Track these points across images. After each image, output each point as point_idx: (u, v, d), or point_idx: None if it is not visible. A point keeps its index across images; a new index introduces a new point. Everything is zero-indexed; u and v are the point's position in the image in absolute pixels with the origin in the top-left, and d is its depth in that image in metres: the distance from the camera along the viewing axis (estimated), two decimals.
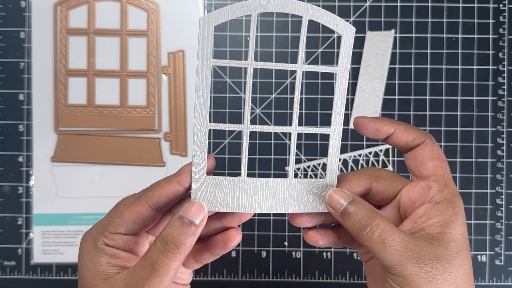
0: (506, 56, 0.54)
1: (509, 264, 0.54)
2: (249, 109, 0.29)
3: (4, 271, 0.54)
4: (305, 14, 0.29)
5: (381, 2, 0.54)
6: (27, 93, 0.54)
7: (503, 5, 0.54)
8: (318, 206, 0.30)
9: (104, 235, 0.28)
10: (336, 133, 0.30)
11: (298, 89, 0.29)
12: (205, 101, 0.28)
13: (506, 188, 0.54)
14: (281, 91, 0.54)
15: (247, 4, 0.28)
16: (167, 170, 0.54)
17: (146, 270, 0.26)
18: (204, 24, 0.27)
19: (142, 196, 0.28)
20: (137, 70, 0.54)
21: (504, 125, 0.54)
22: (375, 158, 0.54)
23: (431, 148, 0.29)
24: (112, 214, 0.29)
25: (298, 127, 0.30)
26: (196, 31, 0.54)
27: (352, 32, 0.29)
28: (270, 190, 0.30)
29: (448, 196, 0.28)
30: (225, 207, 0.29)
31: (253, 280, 0.54)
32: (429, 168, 0.29)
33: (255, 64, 0.29)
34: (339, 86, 0.29)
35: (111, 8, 0.54)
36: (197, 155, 0.29)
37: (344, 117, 0.30)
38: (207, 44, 0.28)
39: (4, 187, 0.54)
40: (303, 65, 0.29)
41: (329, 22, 0.29)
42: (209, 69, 0.28)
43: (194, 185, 0.29)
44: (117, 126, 0.54)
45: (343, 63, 0.29)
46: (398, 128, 0.29)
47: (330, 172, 0.30)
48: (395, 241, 0.26)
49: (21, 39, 0.54)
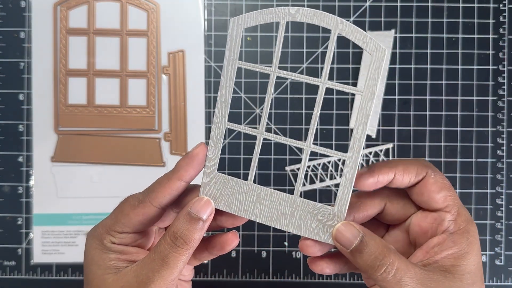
0: (506, 56, 0.54)
1: (509, 264, 0.54)
2: (266, 116, 0.29)
3: (4, 271, 0.54)
4: (334, 28, 0.28)
5: (381, 2, 0.54)
6: (27, 93, 0.54)
7: (503, 5, 0.54)
8: (321, 235, 0.28)
9: (110, 234, 0.29)
10: (352, 161, 0.27)
11: (318, 105, 0.28)
12: (226, 99, 0.28)
13: (506, 188, 0.54)
14: (281, 91, 0.54)
15: (277, 11, 0.27)
16: (167, 170, 0.54)
17: (156, 263, 0.27)
18: (234, 25, 0.28)
19: (146, 198, 0.28)
20: (137, 70, 0.54)
21: (504, 125, 0.54)
22: (375, 158, 0.54)
23: (435, 180, 0.28)
24: (117, 215, 0.29)
25: (312, 145, 0.28)
26: (196, 31, 0.54)
27: (383, 53, 0.26)
28: (273, 202, 0.29)
29: (462, 226, 0.27)
30: (228, 207, 0.29)
31: (253, 280, 0.54)
32: (439, 201, 0.28)
33: (278, 72, 0.28)
34: (362, 110, 0.27)
35: (111, 8, 0.54)
36: (211, 151, 0.29)
37: (344, 117, 0.29)
38: (234, 45, 0.28)
39: (4, 187, 0.54)
40: (327, 81, 0.28)
41: (358, 40, 0.27)
42: (234, 70, 0.28)
43: (205, 179, 0.29)
44: (117, 126, 0.54)
45: (369, 86, 0.27)
46: (397, 171, 0.27)
47: (340, 202, 0.28)
48: (411, 280, 0.25)
49: (21, 39, 0.54)
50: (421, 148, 0.54)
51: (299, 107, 0.54)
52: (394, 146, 0.54)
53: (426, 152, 0.54)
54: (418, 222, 0.28)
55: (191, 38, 0.54)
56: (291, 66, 0.54)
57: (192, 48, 0.54)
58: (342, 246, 0.27)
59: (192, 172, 0.28)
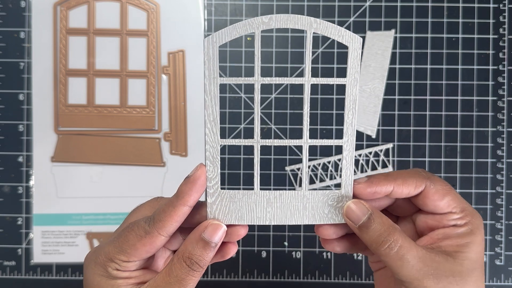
0: (506, 56, 0.54)
1: (509, 264, 0.54)
2: (259, 124, 0.30)
3: (4, 271, 0.54)
4: (308, 28, 0.29)
5: (381, 2, 0.54)
6: (27, 93, 0.54)
7: (503, 5, 0.54)
8: (335, 217, 0.30)
9: (115, 262, 0.29)
10: (349, 144, 0.30)
11: (307, 103, 0.30)
12: (215, 118, 0.29)
13: (506, 188, 0.54)
14: (281, 91, 0.54)
15: (250, 22, 0.28)
16: (167, 170, 0.54)
17: (173, 286, 0.28)
18: (209, 44, 0.28)
19: (153, 229, 0.28)
20: (137, 70, 0.54)
21: (504, 125, 0.54)
22: (375, 158, 0.54)
23: (435, 189, 0.29)
24: (122, 243, 0.29)
25: (309, 139, 0.31)
26: (196, 31, 0.54)
27: (359, 42, 0.29)
28: (283, 202, 0.30)
29: (467, 219, 0.29)
30: (240, 219, 0.30)
31: (253, 280, 0.54)
32: (444, 207, 0.29)
33: (262, 80, 0.30)
34: (349, 97, 0.29)
35: (111, 8, 0.54)
36: (210, 170, 0.30)
37: (343, 116, 0.30)
38: (213, 64, 0.28)
39: (4, 187, 0.54)
40: (311, 78, 0.30)
41: (334, 34, 0.29)
42: (216, 87, 0.29)
43: (209, 199, 0.30)
44: (117, 126, 0.54)
45: (351, 74, 0.29)
46: (396, 184, 0.29)
47: (345, 183, 0.30)
48: (413, 257, 0.27)
49: (21, 39, 0.54)
50: (421, 148, 0.54)
51: (299, 107, 0.54)
52: (394, 146, 0.54)
53: (426, 152, 0.54)
54: (425, 220, 0.30)
55: (191, 38, 0.54)
56: (291, 66, 0.54)
57: (192, 48, 0.54)
58: (351, 221, 0.29)
59: (196, 196, 0.29)
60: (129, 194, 0.54)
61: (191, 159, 0.54)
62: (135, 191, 0.54)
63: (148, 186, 0.54)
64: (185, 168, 0.54)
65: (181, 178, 0.55)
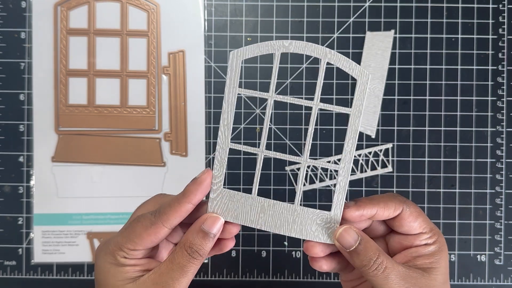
0: (505, 56, 0.54)
1: (509, 263, 0.54)
2: (266, 135, 0.33)
3: (4, 271, 0.54)
4: (323, 57, 0.31)
5: (380, 2, 0.54)
6: (28, 93, 0.54)
7: (502, 6, 0.54)
8: (320, 236, 0.32)
9: (123, 250, 0.32)
10: (345, 171, 0.32)
11: (312, 124, 0.32)
12: (229, 123, 0.32)
13: (505, 188, 0.54)
14: (281, 91, 0.54)
15: (272, 44, 0.31)
16: (167, 170, 0.54)
17: (176, 272, 0.31)
18: (233, 57, 0.31)
19: (158, 220, 0.31)
20: (137, 70, 0.54)
21: (504, 125, 0.54)
22: (374, 158, 0.54)
23: (410, 212, 0.32)
24: (130, 233, 0.32)
25: (308, 159, 0.33)
26: (196, 31, 0.54)
27: (367, 77, 0.31)
28: (276, 212, 0.33)
29: (434, 238, 0.33)
30: (235, 218, 0.33)
31: (253, 280, 0.54)
32: (416, 228, 0.32)
33: (276, 96, 0.32)
34: (351, 127, 0.31)
35: (111, 9, 0.54)
36: (217, 169, 0.33)
37: (343, 117, 0.31)
38: (234, 75, 0.31)
39: (5, 187, 0.54)
40: (319, 103, 0.32)
41: (345, 66, 0.31)
42: (235, 96, 0.32)
43: (212, 195, 0.32)
44: (117, 126, 0.54)
45: (356, 106, 0.31)
46: (379, 207, 0.32)
47: (335, 206, 0.32)
48: (396, 276, 0.31)
49: (21, 39, 0.54)
50: (420, 148, 0.54)
51: (298, 107, 0.54)
52: (394, 146, 0.54)
53: (425, 152, 0.54)
54: (398, 240, 0.34)
55: (191, 38, 0.54)
56: (290, 66, 0.54)
57: (192, 48, 0.54)
58: (342, 247, 0.32)
59: (200, 196, 0.32)
60: (130, 194, 0.54)
61: (191, 159, 0.54)
62: (135, 191, 0.54)
63: (148, 186, 0.54)
64: (185, 168, 0.54)
65: (181, 178, 0.55)
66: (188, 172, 0.54)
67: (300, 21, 0.54)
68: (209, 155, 0.54)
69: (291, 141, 0.54)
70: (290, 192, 0.54)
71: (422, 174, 0.54)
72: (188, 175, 0.54)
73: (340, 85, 0.54)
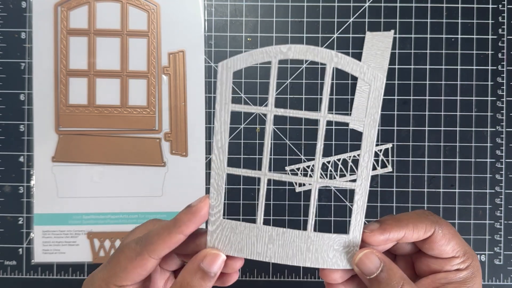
0: (505, 57, 0.54)
1: (508, 263, 0.54)
2: (268, 155, 0.29)
3: (4, 271, 0.54)
4: (329, 62, 0.27)
5: (380, 2, 0.54)
6: (28, 93, 0.54)
7: (502, 6, 0.54)
8: (339, 262, 0.29)
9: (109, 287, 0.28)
10: (362, 188, 0.28)
11: (321, 139, 0.28)
12: (223, 145, 0.28)
13: (505, 188, 0.54)
14: (281, 91, 0.54)
15: (267, 50, 0.27)
16: (167, 170, 0.54)
17: None
18: (223, 69, 0.27)
19: (144, 251, 0.28)
20: (138, 70, 0.54)
21: (503, 125, 0.54)
22: (374, 158, 0.54)
23: (443, 234, 0.29)
24: (114, 268, 0.28)
25: (320, 179, 0.29)
26: (196, 31, 0.54)
27: (382, 81, 0.27)
28: (286, 241, 0.29)
29: (468, 263, 0.29)
30: (239, 252, 0.29)
31: (253, 280, 0.54)
32: (449, 252, 0.29)
33: (275, 111, 0.28)
34: (367, 138, 0.28)
35: (111, 9, 0.54)
36: (214, 198, 0.28)
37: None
38: (225, 89, 0.27)
39: (5, 187, 0.54)
40: (327, 114, 0.28)
41: (355, 71, 0.27)
42: (228, 113, 0.28)
43: (210, 227, 0.29)
44: (117, 126, 0.54)
45: (371, 114, 0.28)
46: (407, 230, 0.28)
47: (354, 228, 0.29)
48: None
49: (22, 40, 0.54)
50: (420, 148, 0.54)
51: (299, 107, 0.54)
52: (394, 146, 0.54)
53: (425, 152, 0.54)
54: (427, 263, 0.30)
55: (191, 39, 0.54)
56: (290, 66, 0.54)
57: (192, 48, 0.54)
58: (363, 273, 0.28)
59: (193, 227, 0.28)
60: (130, 194, 0.54)
61: (191, 159, 0.54)
62: (135, 191, 0.54)
63: (148, 186, 0.54)
64: (185, 168, 0.54)
65: (181, 178, 0.55)
66: (188, 172, 0.54)
67: (300, 21, 0.54)
68: (209, 155, 0.54)
69: (291, 141, 0.54)
70: (290, 192, 0.54)
71: (422, 174, 0.54)
72: (188, 175, 0.54)
73: (340, 85, 0.54)
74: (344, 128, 0.54)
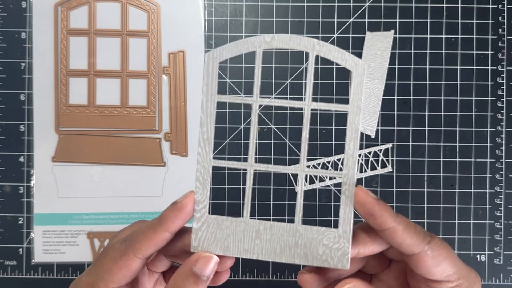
0: (505, 57, 0.54)
1: (508, 263, 0.54)
2: (254, 146, 0.28)
3: (5, 271, 0.54)
4: (311, 50, 0.27)
5: (380, 2, 0.54)
6: (28, 93, 0.54)
7: (502, 6, 0.54)
8: (330, 261, 0.27)
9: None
10: (349, 178, 0.27)
11: (306, 128, 0.28)
12: (209, 136, 0.27)
13: (505, 188, 0.54)
14: (281, 91, 0.54)
15: (252, 40, 0.27)
16: (168, 170, 0.54)
17: None
18: (209, 60, 0.27)
19: (129, 250, 0.27)
20: (138, 70, 0.54)
21: (503, 125, 0.54)
22: (374, 158, 0.54)
23: (432, 255, 0.26)
24: (98, 271, 0.27)
25: (306, 168, 0.28)
26: (197, 31, 0.54)
27: (363, 67, 0.27)
28: (274, 235, 0.28)
29: (464, 284, 0.26)
30: (226, 250, 0.28)
31: (253, 280, 0.54)
32: (438, 274, 0.26)
33: (261, 101, 0.28)
34: (351, 125, 0.27)
35: (111, 9, 0.54)
36: (199, 192, 0.28)
37: (343, 117, 0.29)
38: (211, 80, 0.27)
39: (5, 187, 0.54)
40: (311, 102, 0.28)
41: (337, 58, 0.27)
42: (214, 104, 0.27)
43: (195, 225, 0.28)
44: (117, 126, 0.54)
45: (354, 101, 0.27)
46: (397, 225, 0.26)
47: (343, 222, 0.27)
48: None
49: (22, 40, 0.54)
50: (420, 148, 0.54)
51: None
52: (394, 146, 0.54)
53: (425, 152, 0.54)
54: (416, 278, 0.28)
55: (191, 39, 0.54)
56: (290, 66, 0.54)
57: (192, 48, 0.54)
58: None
59: (179, 223, 0.27)
60: (130, 194, 0.54)
61: (192, 159, 0.54)
62: (135, 191, 0.54)
63: (148, 186, 0.54)
64: (186, 168, 0.54)
65: (181, 178, 0.55)
66: (188, 172, 0.54)
67: (300, 21, 0.54)
68: None
69: (291, 141, 0.54)
70: (290, 192, 0.54)
71: (421, 174, 0.54)
72: (188, 175, 0.54)
73: (340, 85, 0.54)
74: (345, 128, 0.54)
